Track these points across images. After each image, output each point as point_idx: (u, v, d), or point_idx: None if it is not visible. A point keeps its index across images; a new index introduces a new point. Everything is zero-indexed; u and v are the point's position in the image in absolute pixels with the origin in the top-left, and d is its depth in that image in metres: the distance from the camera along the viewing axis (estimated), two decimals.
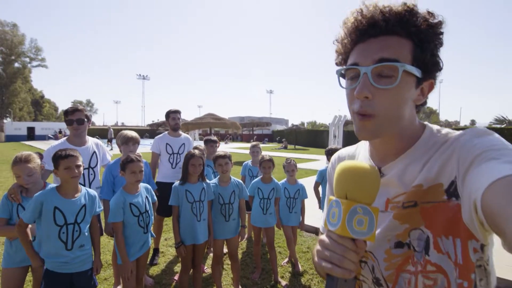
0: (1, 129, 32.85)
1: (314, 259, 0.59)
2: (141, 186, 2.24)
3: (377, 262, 0.66)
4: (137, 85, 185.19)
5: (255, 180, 3.04)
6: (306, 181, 3.44)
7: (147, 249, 2.25)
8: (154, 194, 2.44)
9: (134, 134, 2.69)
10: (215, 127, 18.61)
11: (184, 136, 3.58)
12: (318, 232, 0.92)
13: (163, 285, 2.78)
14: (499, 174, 0.42)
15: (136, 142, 2.68)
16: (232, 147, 23.64)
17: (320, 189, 3.53)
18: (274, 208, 2.99)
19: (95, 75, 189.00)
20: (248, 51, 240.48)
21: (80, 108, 2.48)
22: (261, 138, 36.68)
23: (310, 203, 3.19)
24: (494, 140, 0.52)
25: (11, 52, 44.39)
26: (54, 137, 29.72)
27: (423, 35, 0.58)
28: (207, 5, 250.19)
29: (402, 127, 0.63)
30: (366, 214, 0.51)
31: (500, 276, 2.69)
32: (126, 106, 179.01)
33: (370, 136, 0.63)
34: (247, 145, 27.07)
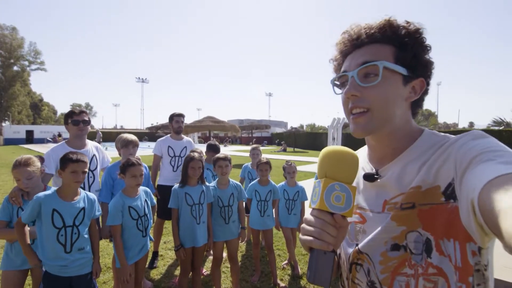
0: (0, 132, 32.79)
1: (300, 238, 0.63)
2: (140, 189, 2.24)
3: (373, 265, 0.66)
4: (136, 88, 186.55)
5: (252, 182, 3.07)
6: (305, 184, 3.45)
7: (146, 253, 2.25)
8: (153, 197, 2.45)
9: (133, 137, 2.74)
10: (214, 130, 18.63)
11: (186, 139, 3.60)
12: None
13: None
14: (495, 173, 0.43)
15: (136, 145, 2.74)
16: (231, 150, 23.63)
17: None
18: (273, 210, 2.99)
19: (94, 78, 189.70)
20: (247, 54, 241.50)
21: (85, 110, 2.56)
22: (260, 141, 36.67)
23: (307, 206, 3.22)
24: (490, 142, 0.54)
25: (10, 55, 44.36)
26: (53, 140, 29.69)
27: (402, 39, 0.65)
28: (206, 7, 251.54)
29: (396, 125, 0.66)
30: (344, 191, 0.55)
31: (498, 278, 2.69)
32: (125, 109, 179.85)
33: (363, 131, 0.66)
34: (246, 147, 27.09)
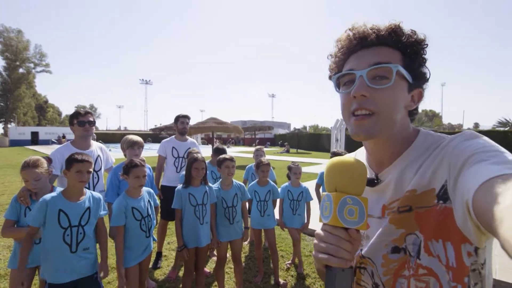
0: (6, 134, 33.14)
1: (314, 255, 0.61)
2: (143, 190, 2.26)
3: (375, 267, 0.67)
4: (140, 90, 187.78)
5: (252, 183, 3.11)
6: (308, 185, 3.46)
7: (149, 253, 2.26)
8: (156, 198, 2.46)
9: (138, 138, 2.79)
10: (218, 131, 18.64)
11: (190, 140, 3.62)
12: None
13: None
14: (489, 175, 0.43)
15: (141, 146, 2.79)
16: (234, 151, 23.66)
17: (321, 190, 3.56)
18: (278, 209, 3.02)
19: (98, 80, 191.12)
20: (250, 55, 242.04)
21: (90, 111, 2.60)
22: (263, 142, 36.64)
23: (312, 206, 3.21)
24: (483, 142, 0.54)
25: (16, 58, 45.02)
26: (58, 142, 29.97)
27: (410, 48, 0.63)
28: (208, 8, 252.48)
29: (396, 131, 0.65)
30: (356, 204, 0.54)
31: (503, 280, 2.67)
32: (129, 110, 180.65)
33: (367, 135, 0.63)
34: (249, 149, 27.11)
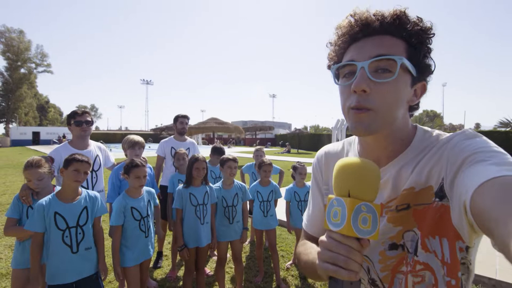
0: (7, 134, 33.24)
1: (311, 261, 0.59)
2: (144, 190, 2.25)
3: (372, 264, 0.67)
4: (141, 91, 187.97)
5: (254, 184, 3.12)
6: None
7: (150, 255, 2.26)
8: (156, 198, 2.47)
9: (140, 138, 2.80)
10: (218, 131, 18.68)
11: (189, 140, 3.62)
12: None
13: None
14: (488, 176, 0.43)
15: (142, 146, 2.80)
16: (235, 151, 23.65)
17: None
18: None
19: (100, 80, 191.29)
20: (250, 55, 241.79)
21: (88, 110, 2.59)
22: (264, 142, 36.65)
23: None
24: (482, 142, 0.54)
25: (18, 58, 45.16)
26: (59, 142, 30.02)
27: (415, 37, 0.59)
28: (209, 9, 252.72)
29: (395, 127, 0.63)
30: (370, 211, 0.48)
31: (503, 280, 2.67)
32: (130, 111, 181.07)
33: (366, 131, 0.59)
34: (250, 149, 27.10)
